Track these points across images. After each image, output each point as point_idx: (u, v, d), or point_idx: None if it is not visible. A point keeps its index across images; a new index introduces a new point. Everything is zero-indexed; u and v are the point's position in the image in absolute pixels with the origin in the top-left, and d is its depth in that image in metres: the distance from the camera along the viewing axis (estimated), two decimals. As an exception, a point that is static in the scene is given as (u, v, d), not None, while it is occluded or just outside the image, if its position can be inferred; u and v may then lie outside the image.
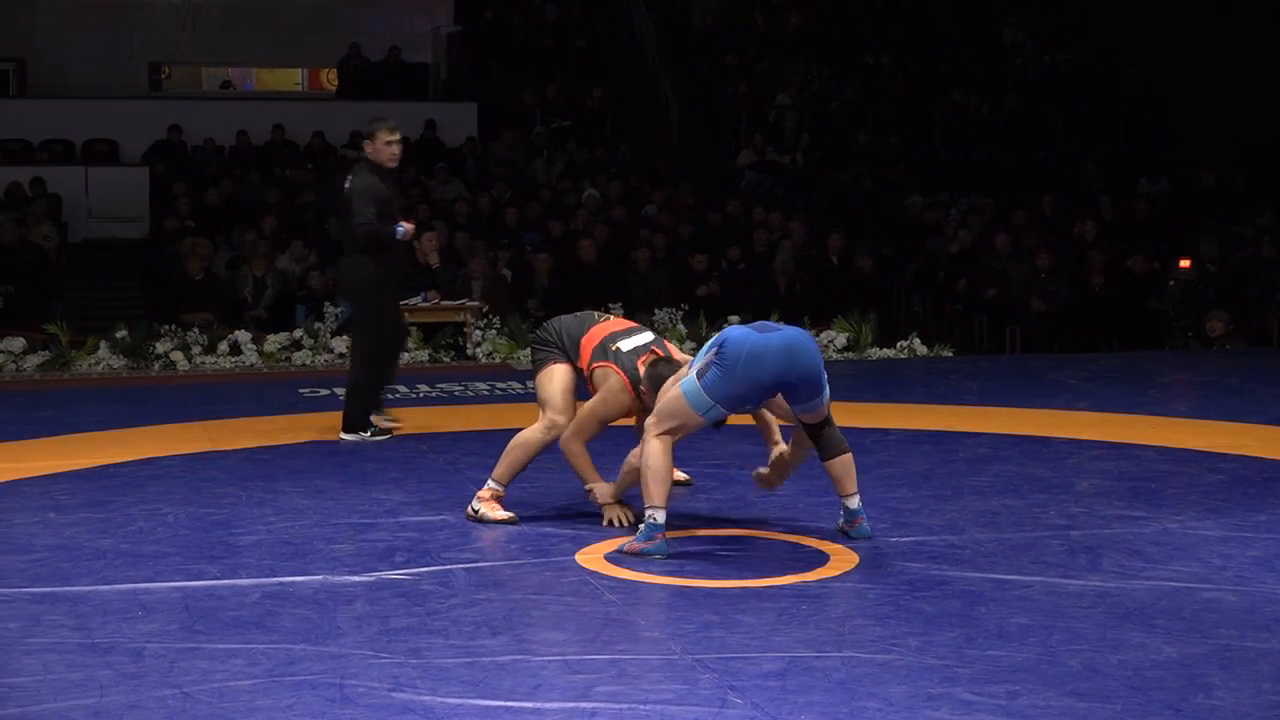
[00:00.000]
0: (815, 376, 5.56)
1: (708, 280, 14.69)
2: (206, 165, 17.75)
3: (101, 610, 4.87)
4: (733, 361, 5.47)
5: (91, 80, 20.66)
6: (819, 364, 5.59)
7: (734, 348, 5.49)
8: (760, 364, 5.47)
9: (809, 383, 5.55)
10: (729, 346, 5.50)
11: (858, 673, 4.20)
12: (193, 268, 13.76)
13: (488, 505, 6.15)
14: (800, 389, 5.57)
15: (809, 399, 5.60)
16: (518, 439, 6.18)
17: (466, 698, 4.01)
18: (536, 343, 6.42)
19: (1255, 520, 6.17)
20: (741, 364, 5.46)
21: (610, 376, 6.08)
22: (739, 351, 5.48)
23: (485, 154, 18.53)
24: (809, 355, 5.56)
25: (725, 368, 5.48)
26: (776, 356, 5.49)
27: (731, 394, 5.51)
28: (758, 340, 5.51)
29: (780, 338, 5.56)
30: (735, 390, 5.50)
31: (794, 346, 5.54)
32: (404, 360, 12.44)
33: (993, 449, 7.88)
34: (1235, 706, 3.93)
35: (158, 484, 7.08)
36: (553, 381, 6.22)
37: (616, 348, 6.12)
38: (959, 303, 15.43)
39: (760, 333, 5.57)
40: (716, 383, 5.50)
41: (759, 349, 5.48)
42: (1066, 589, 5.08)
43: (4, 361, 12.19)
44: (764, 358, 5.48)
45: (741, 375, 5.47)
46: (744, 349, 5.48)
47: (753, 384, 5.50)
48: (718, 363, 5.50)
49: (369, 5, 22.17)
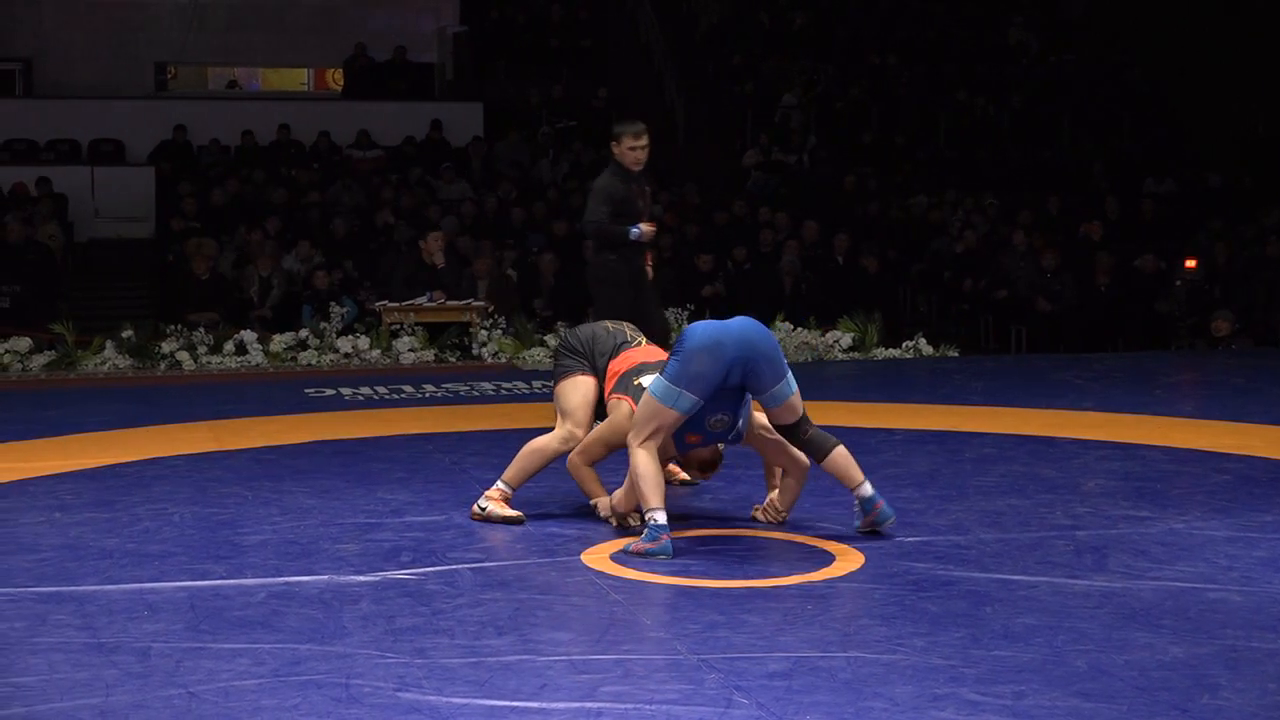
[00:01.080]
0: (773, 353, 5.66)
1: (713, 280, 14.70)
2: (212, 165, 17.77)
3: (107, 610, 4.87)
4: (690, 346, 5.58)
5: (97, 80, 20.68)
6: (775, 344, 5.73)
7: (688, 335, 5.66)
8: (717, 346, 5.57)
9: (769, 360, 5.64)
10: (685, 335, 5.67)
11: (863, 673, 4.19)
12: (198, 268, 13.78)
13: (495, 503, 6.13)
14: (762, 369, 5.62)
15: (772, 383, 5.64)
16: (533, 445, 6.15)
17: (472, 697, 4.01)
18: (564, 349, 6.35)
19: (1261, 520, 6.16)
20: (696, 343, 5.58)
21: (624, 410, 6.00)
22: (693, 335, 5.64)
23: (491, 154, 18.54)
24: (764, 335, 5.71)
25: (683, 352, 5.59)
26: (731, 337, 5.61)
27: (692, 373, 5.55)
28: (711, 325, 5.71)
29: (734, 323, 5.72)
30: (695, 369, 5.55)
31: (748, 327, 5.70)
32: (409, 360, 12.51)
33: (998, 449, 7.88)
34: (1241, 707, 3.92)
35: (163, 484, 7.09)
36: (576, 393, 6.18)
37: (639, 383, 6.01)
38: (964, 303, 15.43)
39: (714, 322, 5.77)
40: (676, 369, 5.58)
41: (711, 331, 5.64)
42: (1072, 589, 5.07)
43: (10, 361, 12.20)
44: (719, 339, 5.60)
45: (701, 356, 5.55)
46: (697, 332, 5.65)
47: (711, 360, 5.56)
48: (675, 352, 5.64)
49: (375, 5, 22.18)
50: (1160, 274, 15.13)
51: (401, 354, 12.58)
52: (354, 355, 12.62)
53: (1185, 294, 14.45)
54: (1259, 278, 15.09)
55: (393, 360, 12.57)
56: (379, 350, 12.66)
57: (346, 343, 12.68)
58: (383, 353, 12.66)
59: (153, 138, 18.39)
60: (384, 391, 10.43)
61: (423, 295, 13.02)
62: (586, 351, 6.24)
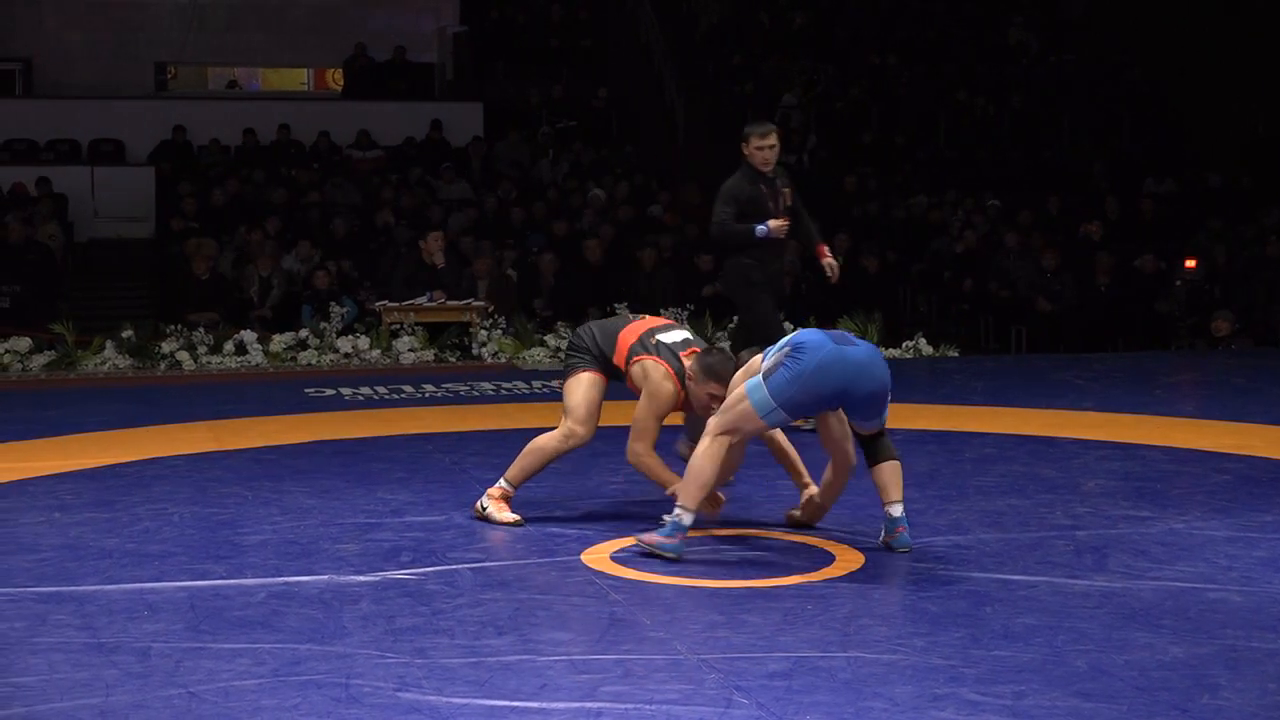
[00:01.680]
0: (881, 397, 5.51)
1: (713, 280, 14.68)
2: (212, 165, 17.76)
3: (107, 610, 4.87)
4: (803, 367, 5.38)
5: (97, 80, 20.67)
6: (887, 385, 5.54)
7: (808, 353, 5.41)
8: (827, 376, 5.40)
9: (874, 403, 5.51)
10: (804, 351, 5.42)
11: (863, 673, 4.19)
12: (198, 268, 13.77)
13: (496, 504, 6.10)
14: (862, 407, 5.51)
15: (870, 417, 5.56)
16: (534, 443, 6.11)
17: (472, 697, 4.01)
18: (570, 349, 6.28)
19: (1261, 520, 6.16)
20: (810, 371, 5.38)
21: (652, 368, 5.94)
22: (811, 358, 5.39)
23: (491, 154, 18.54)
24: (878, 377, 5.49)
25: (794, 372, 5.39)
26: (845, 371, 5.42)
27: (793, 399, 5.41)
28: (832, 351, 5.43)
29: (855, 353, 5.47)
30: (798, 396, 5.40)
31: (865, 365, 5.46)
32: (409, 360, 12.51)
33: (998, 449, 7.88)
34: (1241, 707, 3.92)
35: (163, 484, 7.09)
36: (579, 389, 6.09)
37: (656, 341, 6.00)
38: (964, 303, 15.42)
39: (836, 343, 5.49)
40: (782, 385, 5.39)
41: (830, 360, 5.41)
42: (1072, 589, 5.07)
43: (10, 361, 12.20)
44: (832, 370, 5.40)
45: (808, 382, 5.38)
46: (817, 357, 5.40)
47: (815, 394, 5.42)
48: (787, 365, 5.41)
49: (375, 5, 22.18)
50: (1160, 274, 15.12)
51: (401, 354, 12.59)
52: (354, 355, 12.63)
53: (1185, 294, 14.44)
54: (1259, 278, 15.08)
55: (393, 360, 12.57)
56: (379, 350, 12.66)
57: (346, 343, 12.69)
58: (383, 353, 12.66)
59: (153, 138, 18.38)
60: (384, 391, 10.43)
61: (423, 295, 13.02)
62: (590, 344, 6.14)
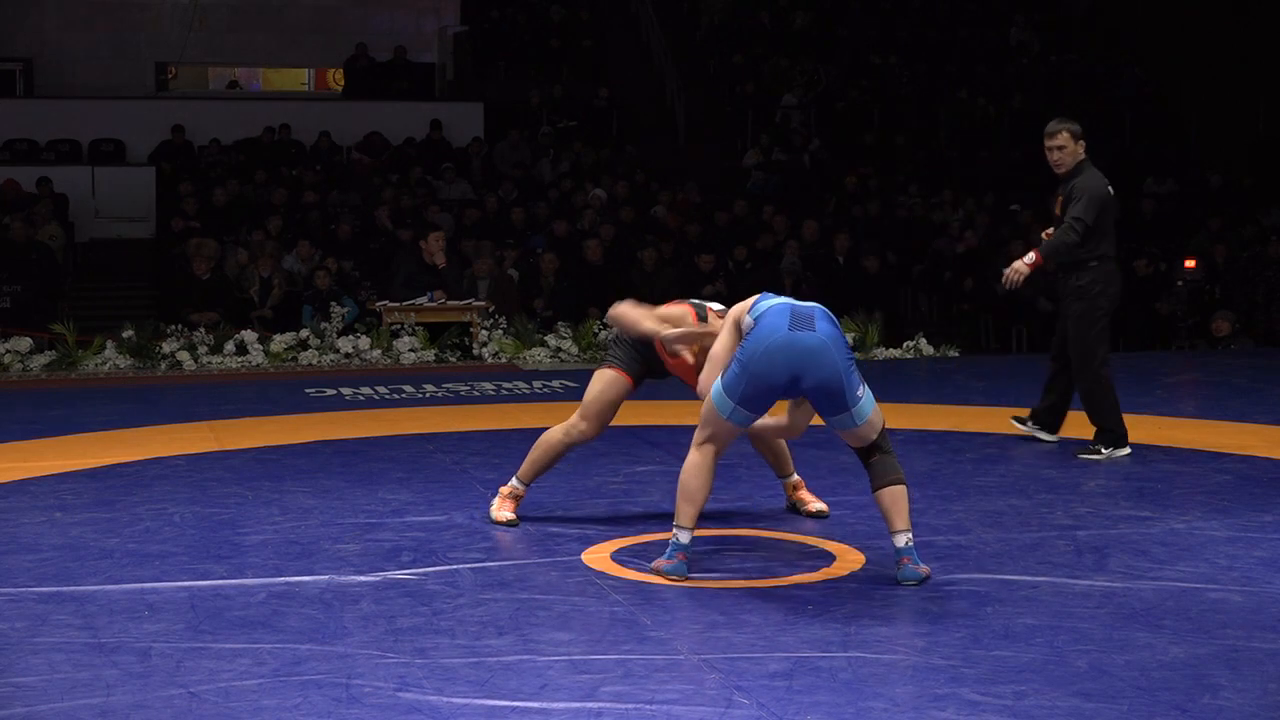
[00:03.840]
0: (834, 388, 5.08)
1: (714, 280, 14.69)
2: (212, 165, 17.77)
3: (108, 610, 4.87)
4: (748, 357, 5.09)
5: (98, 80, 20.69)
6: (839, 375, 5.07)
7: (753, 341, 5.11)
8: (773, 363, 5.06)
9: (827, 395, 5.11)
10: (749, 340, 5.13)
11: (864, 673, 4.19)
12: (199, 268, 13.78)
13: (500, 501, 6.13)
14: (816, 399, 5.17)
15: (832, 412, 5.15)
16: (541, 439, 6.11)
17: (473, 697, 4.00)
18: (615, 339, 6.20)
19: (1262, 520, 6.16)
20: (756, 360, 5.07)
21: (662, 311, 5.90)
22: (755, 345, 5.09)
23: (492, 154, 18.54)
24: (828, 366, 5.07)
25: (742, 363, 5.11)
26: (793, 359, 5.05)
27: (746, 393, 5.11)
28: (781, 338, 5.07)
29: (807, 339, 5.07)
30: (749, 389, 5.10)
31: (816, 352, 5.06)
32: (409, 360, 12.51)
33: (999, 449, 7.88)
34: (1242, 707, 3.92)
35: (164, 484, 7.09)
36: (597, 384, 6.04)
37: (698, 301, 5.99)
38: (965, 303, 15.42)
39: (791, 328, 5.09)
40: (733, 380, 5.12)
41: (778, 346, 5.06)
42: (1073, 589, 5.07)
43: (11, 361, 12.20)
44: (778, 357, 5.06)
45: (754, 371, 5.08)
46: (762, 343, 5.08)
47: (767, 383, 5.09)
48: (738, 356, 5.13)
49: (375, 5, 22.18)
50: (1160, 274, 15.12)
51: (402, 354, 12.59)
52: (354, 355, 12.63)
53: (1185, 294, 14.44)
54: (1259, 278, 15.09)
55: (393, 360, 12.58)
56: (379, 350, 12.67)
57: (347, 343, 12.70)
58: (383, 353, 12.66)
59: (153, 138, 18.39)
60: (384, 391, 10.43)
61: (424, 295, 13.02)
62: (637, 342, 6.00)
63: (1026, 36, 21.90)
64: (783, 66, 20.54)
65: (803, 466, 6.46)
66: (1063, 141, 7.64)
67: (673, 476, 7.00)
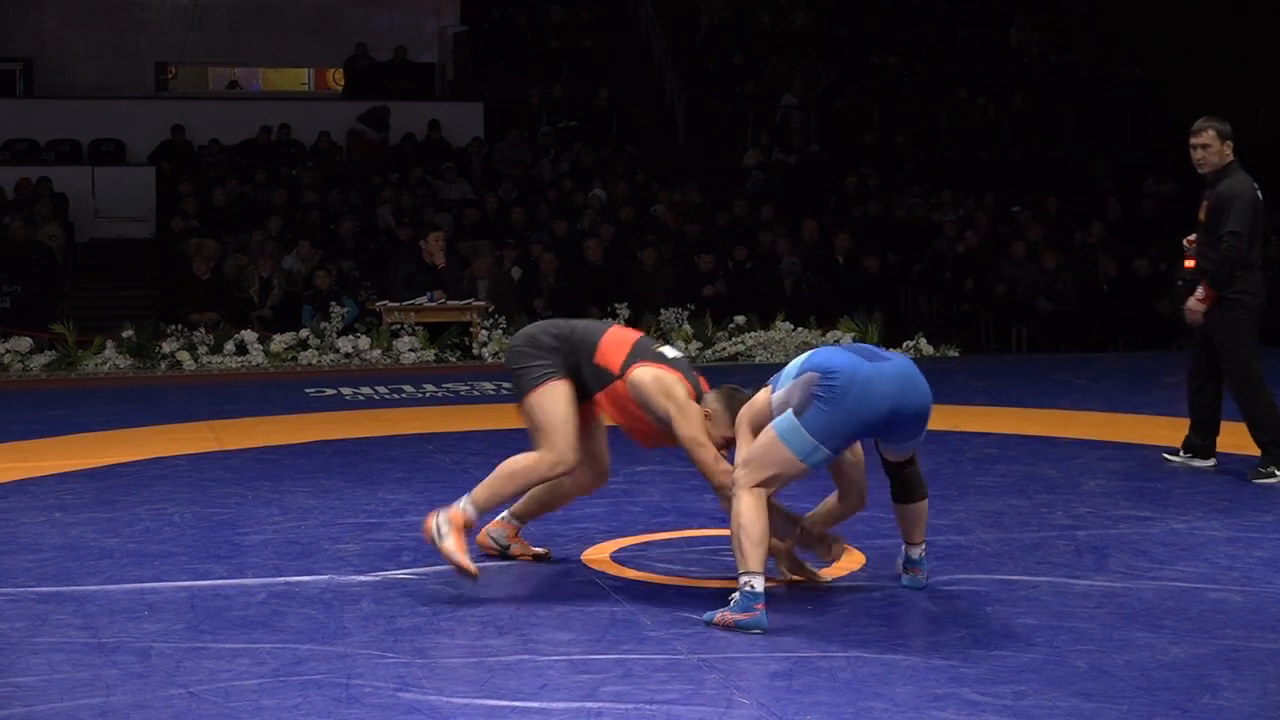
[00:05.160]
0: (927, 412, 4.87)
1: (714, 280, 14.70)
2: (213, 165, 17.77)
3: (108, 610, 4.87)
4: (842, 393, 4.68)
5: (98, 80, 20.69)
6: (930, 398, 4.89)
7: (844, 376, 4.70)
8: (872, 396, 4.70)
9: (920, 421, 4.86)
10: (838, 375, 4.71)
11: (863, 673, 4.19)
12: (199, 268, 13.78)
13: (455, 535, 5.00)
14: (908, 426, 4.85)
15: (911, 437, 4.90)
16: (513, 466, 5.13)
17: (473, 697, 4.00)
18: (529, 350, 5.21)
19: (1262, 520, 6.16)
20: (853, 396, 4.68)
21: (670, 380, 5.04)
22: (850, 382, 4.69)
23: (492, 154, 18.54)
24: (924, 389, 4.85)
25: (833, 401, 4.69)
26: (891, 389, 4.74)
27: (837, 432, 4.72)
28: (870, 369, 4.74)
29: (893, 367, 4.80)
30: (841, 428, 4.72)
31: (910, 378, 4.81)
32: (409, 360, 12.51)
33: (999, 449, 7.88)
34: (1242, 707, 3.92)
35: (164, 484, 7.09)
36: (557, 404, 5.08)
37: (660, 351, 5.18)
38: (965, 303, 15.42)
39: (868, 360, 4.79)
40: (821, 420, 4.70)
41: (872, 379, 4.72)
42: (1073, 589, 5.07)
43: (11, 361, 12.21)
44: (876, 390, 4.71)
45: (852, 409, 4.69)
46: (856, 378, 4.70)
47: (861, 421, 4.73)
48: (822, 395, 4.70)
49: (375, 5, 22.18)
50: (1160, 274, 15.12)
51: (402, 354, 12.59)
52: (354, 355, 12.64)
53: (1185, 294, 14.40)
54: (1259, 278, 15.07)
55: (393, 360, 12.58)
56: (379, 350, 12.67)
57: (347, 343, 12.70)
58: (383, 353, 12.66)
59: (153, 138, 18.38)
60: (384, 391, 10.44)
61: (424, 295, 13.03)
62: (562, 344, 5.18)
63: (1026, 36, 21.90)
64: (783, 67, 20.55)
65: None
66: (1208, 140, 7.27)
67: (673, 476, 7.04)
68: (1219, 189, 7.21)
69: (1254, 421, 7.18)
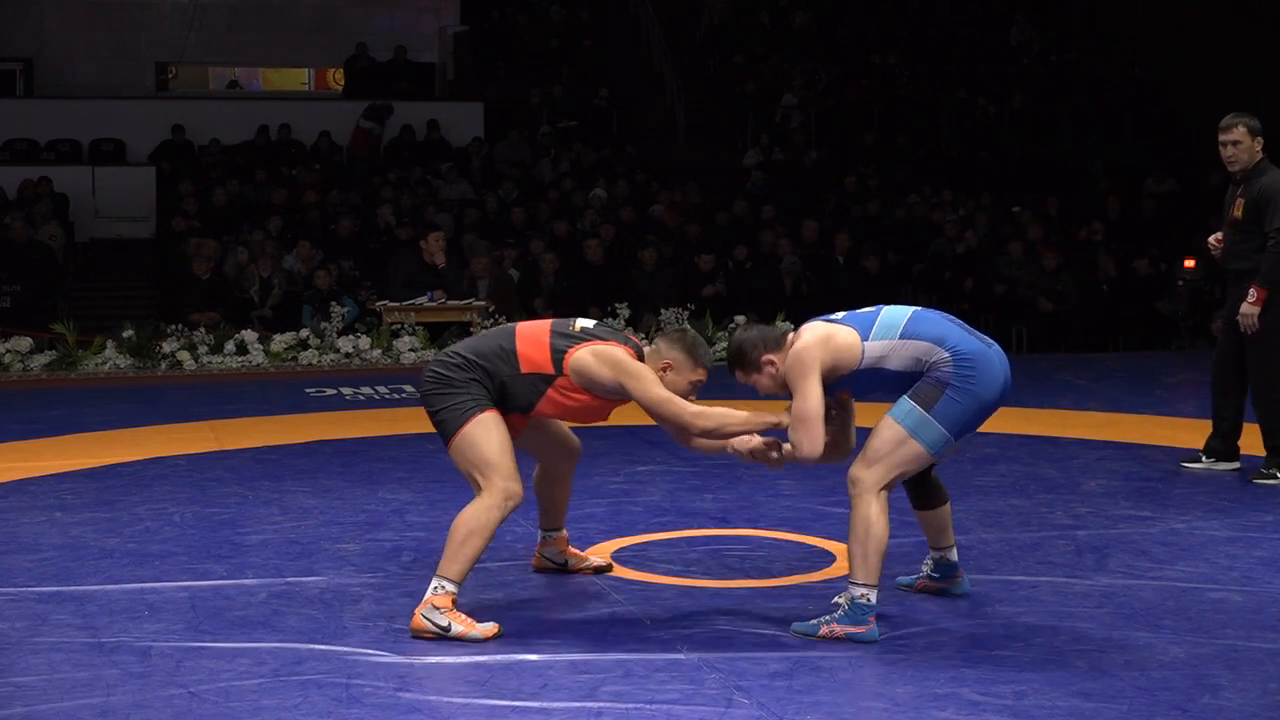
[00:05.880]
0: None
1: (714, 280, 14.69)
2: (213, 165, 17.77)
3: (108, 609, 4.87)
4: (976, 380, 4.48)
5: (98, 80, 20.68)
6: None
7: (979, 363, 4.49)
8: (995, 380, 4.51)
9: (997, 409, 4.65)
10: (975, 363, 4.48)
11: (864, 673, 4.19)
12: (199, 268, 13.77)
13: (454, 617, 4.57)
14: (988, 416, 4.63)
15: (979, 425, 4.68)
16: (466, 524, 4.70)
17: (473, 697, 4.00)
18: (439, 385, 4.76)
19: (1262, 520, 6.16)
20: (982, 382, 4.49)
21: (609, 350, 4.71)
22: (985, 367, 4.48)
23: (492, 154, 18.54)
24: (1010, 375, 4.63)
25: (965, 390, 4.49)
26: (1002, 371, 4.54)
27: (965, 420, 4.51)
28: (990, 353, 4.55)
29: (998, 350, 4.60)
30: (969, 415, 4.51)
31: (1006, 361, 4.61)
32: (409, 360, 12.51)
33: (999, 449, 7.88)
34: (1242, 707, 3.92)
35: (164, 483, 7.09)
36: (490, 437, 4.70)
37: (581, 328, 4.82)
38: (965, 302, 15.42)
39: (981, 340, 4.59)
40: (954, 410, 4.50)
41: (993, 361, 4.52)
42: (1073, 589, 5.07)
43: (11, 361, 12.20)
44: (996, 371, 4.52)
45: (978, 394, 4.49)
46: (985, 362, 4.49)
47: (982, 406, 4.52)
48: (957, 385, 4.47)
49: (375, 5, 22.18)
50: (1160, 274, 15.12)
51: (402, 354, 12.59)
52: (354, 355, 12.63)
53: (1185, 294, 14.44)
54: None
55: (393, 360, 12.58)
56: (379, 350, 12.67)
57: (347, 342, 12.70)
58: (383, 353, 12.66)
59: (154, 137, 18.38)
60: (384, 391, 10.44)
61: (424, 295, 13.03)
62: (474, 371, 4.76)
63: (1026, 36, 21.89)
64: (783, 67, 20.54)
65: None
66: (1238, 137, 7.12)
67: (673, 476, 7.05)
68: (1259, 186, 7.05)
69: (1270, 425, 7.15)
